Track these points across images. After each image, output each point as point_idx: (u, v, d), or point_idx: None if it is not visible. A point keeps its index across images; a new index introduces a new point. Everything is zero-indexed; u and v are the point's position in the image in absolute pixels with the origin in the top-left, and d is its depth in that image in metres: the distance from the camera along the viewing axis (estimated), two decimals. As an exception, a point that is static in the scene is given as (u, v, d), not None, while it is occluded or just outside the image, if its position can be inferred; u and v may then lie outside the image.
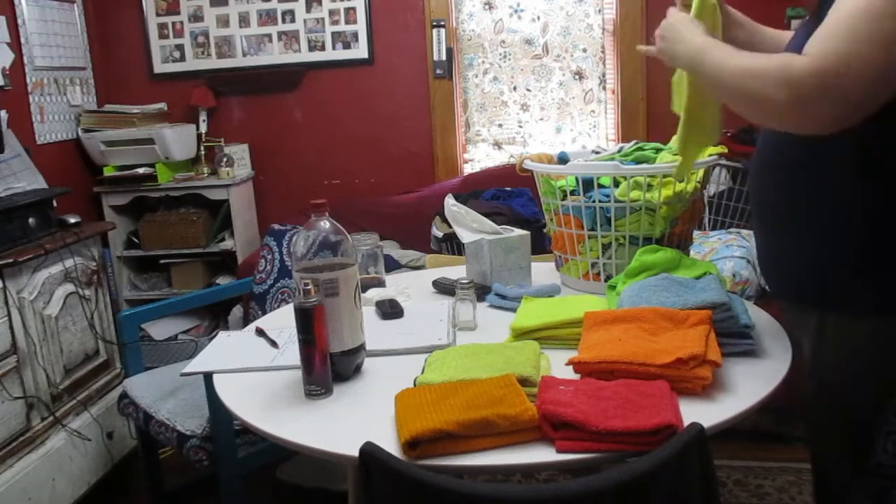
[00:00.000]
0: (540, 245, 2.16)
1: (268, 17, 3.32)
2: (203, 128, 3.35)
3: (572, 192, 1.62)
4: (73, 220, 2.47)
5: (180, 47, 3.38)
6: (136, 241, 3.23)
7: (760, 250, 1.30)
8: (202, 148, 3.30)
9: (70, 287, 2.37)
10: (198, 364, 1.44)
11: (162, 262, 3.25)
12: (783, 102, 0.97)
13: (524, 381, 1.11)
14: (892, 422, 1.11)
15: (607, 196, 1.57)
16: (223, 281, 3.18)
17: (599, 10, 3.20)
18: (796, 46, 1.21)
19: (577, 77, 3.28)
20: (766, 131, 1.22)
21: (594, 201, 1.59)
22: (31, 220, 2.29)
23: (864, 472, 1.15)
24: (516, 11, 3.25)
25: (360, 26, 3.27)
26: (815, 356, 1.18)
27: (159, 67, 3.41)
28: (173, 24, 3.36)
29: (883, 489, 1.14)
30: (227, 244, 3.19)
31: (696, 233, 2.09)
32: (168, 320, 3.16)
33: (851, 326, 1.13)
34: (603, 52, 3.23)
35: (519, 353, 1.23)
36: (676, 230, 1.61)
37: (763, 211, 1.25)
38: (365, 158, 3.40)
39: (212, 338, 1.75)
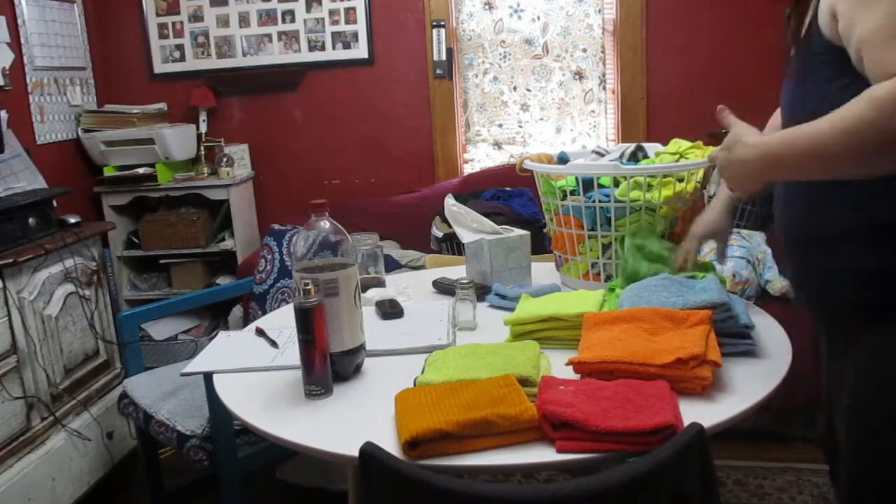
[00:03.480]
0: (540, 245, 2.16)
1: (268, 17, 3.32)
2: (203, 128, 3.35)
3: (572, 192, 1.62)
4: (73, 220, 2.47)
5: (180, 47, 3.38)
6: (136, 241, 3.23)
7: (801, 271, 1.23)
8: (202, 148, 3.30)
9: (70, 287, 2.37)
10: (198, 364, 1.44)
11: (162, 262, 3.25)
12: None
13: (524, 381, 1.11)
14: None
15: (607, 196, 1.57)
16: (223, 281, 3.18)
17: (599, 10, 3.20)
18: (791, 98, 1.17)
19: (577, 77, 3.28)
20: None
21: (594, 201, 1.59)
22: (31, 220, 2.29)
23: None
24: (516, 11, 3.25)
25: (360, 26, 3.27)
26: (860, 371, 1.13)
27: (159, 67, 3.41)
28: (173, 24, 3.36)
29: None
30: (227, 244, 3.19)
31: (696, 233, 2.09)
32: (168, 320, 3.15)
33: None
34: (603, 52, 3.23)
35: (519, 353, 1.22)
36: (676, 230, 1.61)
37: (805, 230, 1.18)
38: (365, 158, 3.40)
39: (212, 338, 1.75)
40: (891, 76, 0.91)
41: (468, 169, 3.40)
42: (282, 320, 1.61)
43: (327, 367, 1.22)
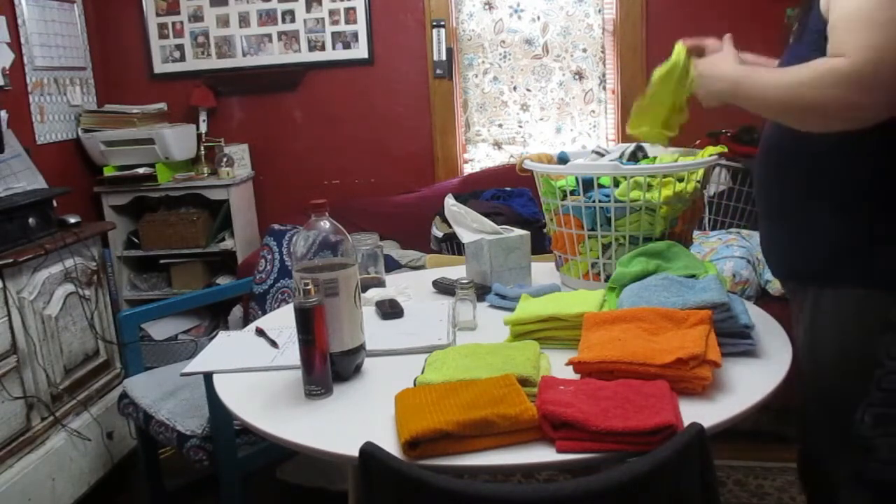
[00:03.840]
0: (540, 245, 2.16)
1: (268, 17, 3.32)
2: (203, 128, 3.35)
3: (572, 192, 1.62)
4: (73, 220, 2.47)
5: (180, 47, 3.38)
6: (136, 241, 3.23)
7: (769, 234, 1.34)
8: (202, 148, 3.30)
9: (70, 287, 2.37)
10: (198, 364, 1.44)
11: (162, 262, 3.25)
12: (842, 102, 1.03)
13: (524, 381, 1.11)
14: (874, 394, 1.16)
15: (607, 196, 1.57)
16: (223, 281, 3.18)
17: (599, 10, 3.20)
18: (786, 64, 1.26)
19: (577, 77, 3.28)
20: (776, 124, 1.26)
21: (594, 201, 1.59)
22: (31, 220, 2.29)
23: (847, 444, 1.19)
24: (516, 11, 3.25)
25: (360, 26, 3.27)
26: (809, 329, 1.24)
27: (159, 67, 3.41)
28: (173, 24, 3.36)
29: (863, 463, 1.19)
30: (227, 244, 3.19)
31: (696, 233, 2.09)
32: (168, 320, 3.15)
33: (844, 300, 1.19)
34: (603, 52, 3.23)
35: (519, 353, 1.22)
36: (676, 230, 1.61)
37: (775, 197, 1.29)
38: (365, 158, 3.40)
39: (212, 338, 1.75)
40: (854, 52, 1.02)
41: (468, 169, 3.40)
42: (282, 320, 1.61)
43: (327, 367, 1.22)
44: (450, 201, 1.86)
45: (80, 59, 3.23)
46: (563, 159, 1.79)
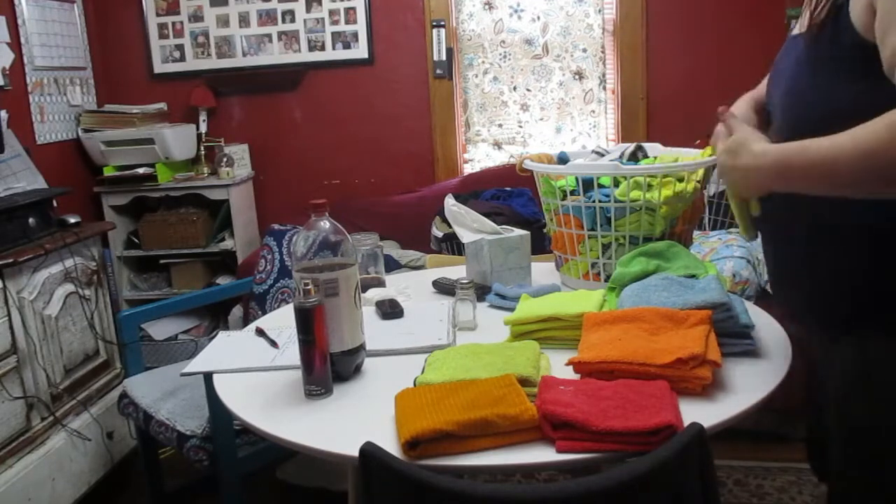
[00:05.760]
0: (540, 245, 2.16)
1: (268, 17, 3.32)
2: (203, 128, 3.35)
3: (572, 192, 1.62)
4: (73, 220, 2.47)
5: (180, 47, 3.38)
6: (136, 241, 3.23)
7: (781, 266, 1.20)
8: (202, 148, 3.30)
9: (70, 287, 2.37)
10: (198, 364, 1.44)
11: (162, 262, 3.25)
12: None
13: (524, 381, 1.11)
14: None
15: (607, 196, 1.57)
16: (223, 281, 3.18)
17: (599, 10, 3.20)
18: (787, 63, 1.13)
19: (577, 77, 3.28)
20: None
21: (594, 201, 1.59)
22: (31, 220, 2.29)
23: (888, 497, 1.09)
24: (516, 11, 3.25)
25: (360, 26, 3.27)
26: (855, 380, 1.08)
27: (159, 67, 3.41)
28: (173, 24, 3.36)
29: None
30: (227, 244, 3.19)
31: (696, 233, 2.09)
32: (168, 320, 3.16)
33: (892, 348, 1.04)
34: (603, 52, 3.23)
35: (519, 353, 1.22)
36: (676, 230, 1.61)
37: (792, 224, 1.13)
38: (365, 158, 3.40)
39: (212, 338, 1.75)
40: None
41: (468, 169, 3.40)
42: (282, 320, 1.61)
43: (327, 367, 1.22)
44: (450, 201, 1.86)
45: (80, 59, 3.23)
46: (563, 159, 1.79)
